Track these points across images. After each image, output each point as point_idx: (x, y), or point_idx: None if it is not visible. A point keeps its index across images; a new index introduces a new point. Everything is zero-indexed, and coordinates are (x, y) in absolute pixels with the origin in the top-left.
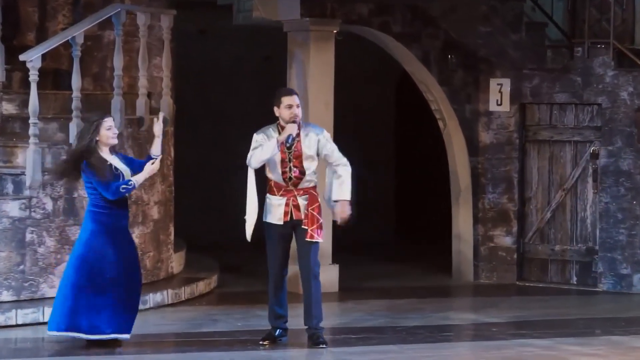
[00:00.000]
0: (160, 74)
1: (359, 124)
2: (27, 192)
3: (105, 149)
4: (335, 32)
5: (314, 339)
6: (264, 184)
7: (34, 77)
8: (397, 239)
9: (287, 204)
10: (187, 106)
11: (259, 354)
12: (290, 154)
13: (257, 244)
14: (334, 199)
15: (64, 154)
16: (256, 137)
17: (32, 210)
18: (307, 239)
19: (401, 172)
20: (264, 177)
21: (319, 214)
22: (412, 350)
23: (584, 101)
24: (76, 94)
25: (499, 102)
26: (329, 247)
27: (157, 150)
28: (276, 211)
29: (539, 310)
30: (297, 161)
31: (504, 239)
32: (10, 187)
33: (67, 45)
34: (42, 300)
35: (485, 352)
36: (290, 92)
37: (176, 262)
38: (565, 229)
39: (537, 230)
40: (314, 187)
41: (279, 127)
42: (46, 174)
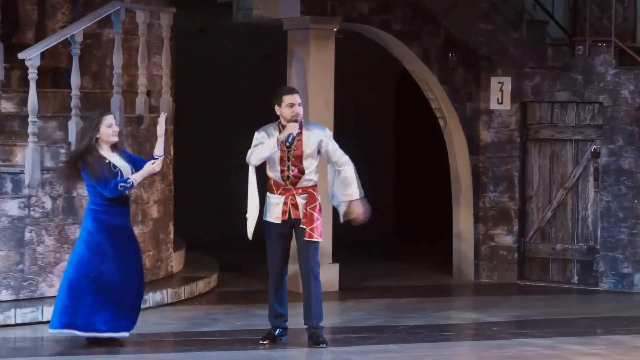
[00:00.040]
0: (159, 72)
1: (359, 123)
2: (26, 191)
3: (105, 147)
4: (335, 30)
5: (314, 339)
6: (265, 183)
7: (33, 75)
8: (397, 237)
9: (285, 203)
10: (187, 104)
11: (259, 353)
12: (289, 152)
13: (258, 243)
14: (343, 201)
15: (63, 153)
16: (257, 135)
17: (31, 209)
18: (306, 238)
19: (401, 170)
20: (264, 175)
21: (319, 213)
22: (412, 349)
23: (585, 99)
24: (75, 92)
25: (500, 101)
26: (329, 247)
27: (159, 150)
28: (274, 210)
29: (540, 309)
30: (296, 160)
31: (504, 238)
32: (9, 186)
33: (66, 43)
34: (41, 299)
35: (486, 351)
36: (291, 90)
37: (176, 261)
38: (566, 228)
39: (538, 229)
40: (314, 187)
41: (280, 125)
42: (45, 172)
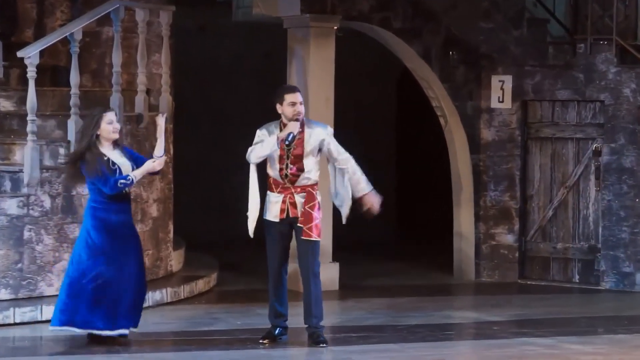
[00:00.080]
0: (159, 71)
1: (360, 121)
2: (25, 190)
3: (106, 144)
4: (335, 28)
5: (314, 338)
6: (266, 181)
7: (31, 73)
8: (397, 236)
9: (283, 201)
10: (187, 103)
11: (259, 352)
12: (289, 150)
13: (258, 242)
14: (359, 196)
15: (62, 151)
16: (258, 133)
17: (30, 207)
18: (302, 237)
19: (402, 169)
20: (266, 173)
21: (317, 212)
22: (412, 349)
23: (587, 98)
24: (74, 90)
25: (501, 99)
26: (329, 246)
27: (159, 152)
28: (273, 208)
29: (541, 308)
30: (295, 158)
31: (505, 237)
32: (8, 185)
33: (66, 41)
34: (40, 298)
35: (486, 350)
36: (293, 89)
37: (175, 260)
38: (567, 227)
39: (539, 228)
40: (313, 185)
41: (282, 124)
42: (44, 171)
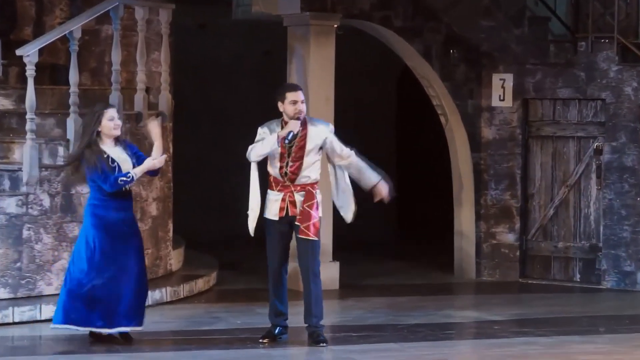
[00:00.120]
0: (158, 69)
1: (360, 120)
2: (24, 189)
3: (108, 141)
4: (335, 26)
5: (314, 337)
6: (267, 179)
7: (30, 72)
8: (398, 235)
9: (283, 200)
10: (186, 101)
11: (259, 352)
12: (290, 149)
13: (258, 241)
14: (370, 187)
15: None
16: (260, 130)
17: (29, 206)
18: (300, 236)
19: (402, 168)
20: (266, 172)
21: (316, 211)
22: (413, 348)
23: (588, 96)
24: (74, 89)
25: (502, 98)
26: (329, 245)
27: (157, 155)
28: (272, 206)
29: (542, 307)
30: (296, 156)
31: (506, 236)
32: (7, 184)
33: (65, 39)
34: (39, 297)
35: (487, 350)
36: (294, 87)
37: (175, 259)
38: (568, 226)
39: (540, 227)
40: (312, 184)
41: (283, 122)
42: (43, 170)
